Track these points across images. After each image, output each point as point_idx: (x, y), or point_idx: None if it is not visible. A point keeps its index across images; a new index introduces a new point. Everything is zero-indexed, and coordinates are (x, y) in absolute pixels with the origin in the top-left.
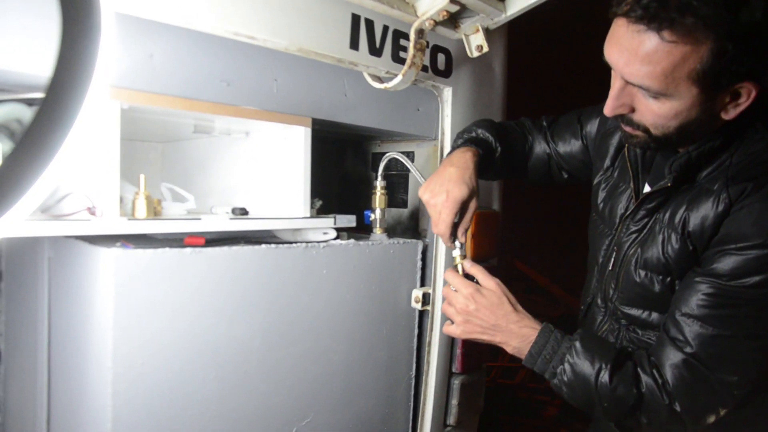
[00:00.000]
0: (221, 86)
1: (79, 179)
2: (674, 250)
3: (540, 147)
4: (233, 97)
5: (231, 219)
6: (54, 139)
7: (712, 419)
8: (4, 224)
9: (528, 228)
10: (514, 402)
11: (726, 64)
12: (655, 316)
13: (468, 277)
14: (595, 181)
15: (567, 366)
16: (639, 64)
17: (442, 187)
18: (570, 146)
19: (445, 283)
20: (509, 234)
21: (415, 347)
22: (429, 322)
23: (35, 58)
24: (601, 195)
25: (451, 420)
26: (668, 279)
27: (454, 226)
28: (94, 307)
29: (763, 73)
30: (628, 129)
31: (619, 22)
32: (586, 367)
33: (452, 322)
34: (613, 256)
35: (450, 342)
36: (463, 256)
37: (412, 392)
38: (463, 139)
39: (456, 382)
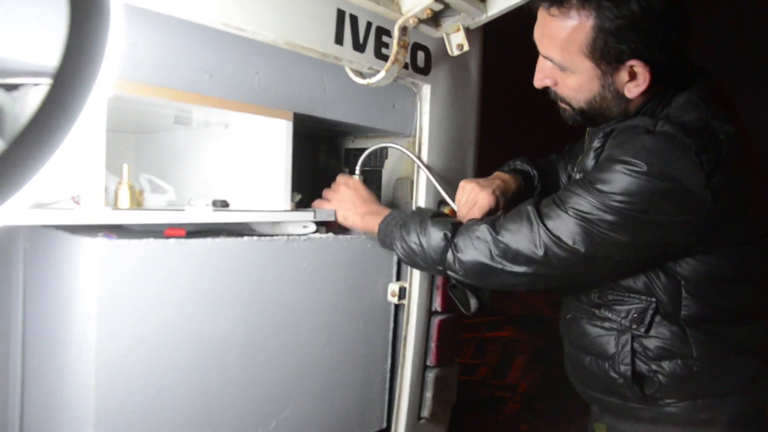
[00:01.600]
0: (204, 77)
1: (62, 168)
2: None
3: (564, 176)
4: (215, 89)
5: (214, 211)
6: (60, 128)
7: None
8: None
9: None
10: (475, 398)
11: (607, 41)
12: (593, 294)
13: None
14: None
15: (405, 224)
16: (545, 39)
17: (489, 184)
18: None
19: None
20: None
21: (390, 341)
22: (405, 316)
23: (16, 44)
24: None
25: (426, 412)
26: None
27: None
28: (75, 299)
29: (654, 56)
30: (559, 104)
31: (539, 10)
32: (415, 221)
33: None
34: None
35: (425, 336)
36: None
37: (388, 385)
38: (502, 170)
39: (430, 375)
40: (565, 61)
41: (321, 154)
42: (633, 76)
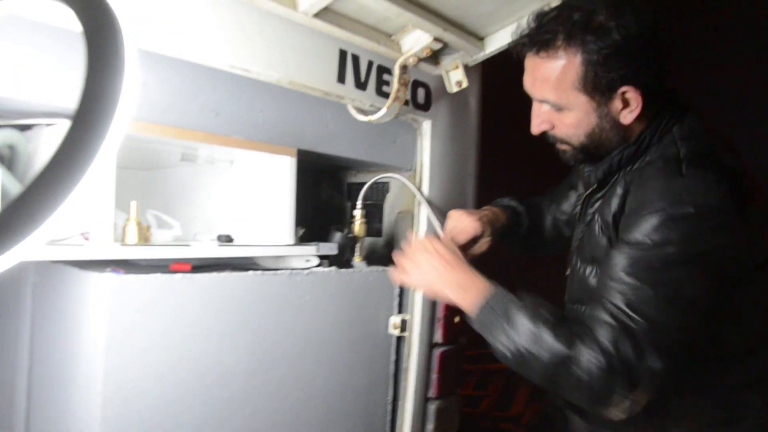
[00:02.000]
0: (210, 116)
1: (72, 204)
2: (597, 241)
3: (549, 216)
4: (221, 127)
5: (219, 246)
6: (78, 168)
7: (644, 378)
8: (20, 252)
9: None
10: (478, 430)
11: (598, 72)
12: None
13: None
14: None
15: (512, 319)
16: (537, 82)
17: (477, 212)
18: (567, 199)
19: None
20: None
21: (392, 372)
22: (406, 348)
23: (29, 86)
24: (574, 218)
25: None
26: (597, 269)
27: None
28: (83, 332)
29: (642, 80)
30: (558, 146)
31: (526, 58)
32: (529, 321)
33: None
34: (571, 262)
35: (426, 367)
36: None
37: (389, 417)
38: (491, 205)
39: (432, 407)
40: (560, 100)
41: (324, 188)
42: (626, 103)
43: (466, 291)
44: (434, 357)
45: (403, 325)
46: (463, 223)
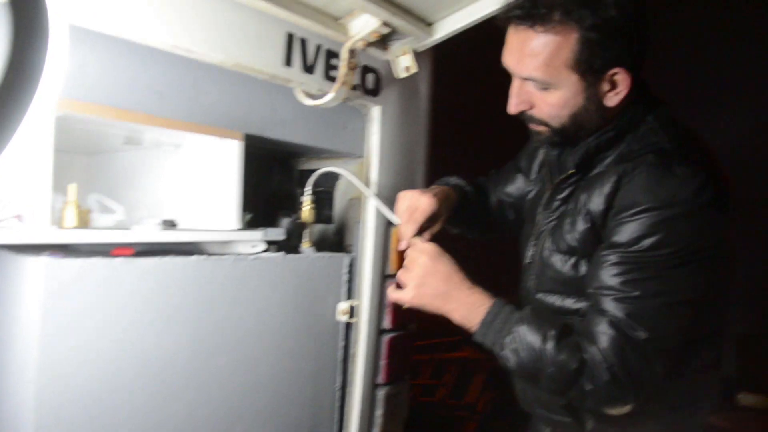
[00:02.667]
0: (154, 98)
1: (7, 186)
2: (577, 230)
3: (494, 197)
4: (165, 109)
5: (162, 230)
6: None
7: (649, 383)
8: None
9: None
10: (434, 419)
11: (594, 51)
12: (568, 301)
13: None
14: (526, 191)
15: (516, 334)
16: (525, 58)
17: (429, 190)
18: (513, 183)
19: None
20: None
21: (340, 359)
22: (354, 334)
23: None
24: (528, 202)
25: (377, 430)
26: (574, 259)
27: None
28: (18, 319)
29: (632, 61)
30: (533, 126)
31: (509, 29)
32: (534, 333)
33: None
34: (533, 249)
35: (375, 354)
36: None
37: (338, 403)
38: (437, 183)
39: (381, 393)
40: (549, 78)
41: (275, 175)
42: (613, 85)
43: (466, 308)
44: (383, 343)
45: (352, 312)
46: (421, 202)
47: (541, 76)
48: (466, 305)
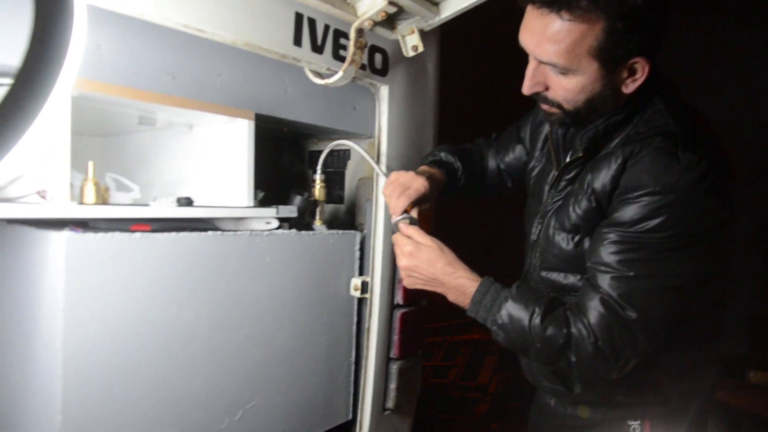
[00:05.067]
0: (167, 78)
1: (28, 163)
2: (582, 209)
3: (493, 162)
4: (178, 90)
5: (178, 207)
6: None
7: (632, 360)
8: None
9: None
10: (447, 400)
11: (618, 41)
12: (571, 278)
13: None
14: (529, 166)
15: (504, 311)
16: (546, 43)
17: (422, 173)
18: (513, 153)
19: None
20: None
21: (354, 333)
22: (368, 310)
23: None
24: (533, 178)
25: (390, 403)
26: (578, 237)
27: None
28: (42, 292)
29: (652, 49)
30: (545, 107)
31: (528, 9)
32: (521, 310)
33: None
34: (539, 227)
35: (387, 328)
36: (407, 222)
37: (352, 377)
38: (427, 162)
39: (394, 367)
40: (570, 64)
41: (285, 156)
42: (632, 72)
43: (456, 290)
44: (395, 318)
45: (364, 287)
46: (416, 182)
47: (561, 62)
48: (454, 288)
